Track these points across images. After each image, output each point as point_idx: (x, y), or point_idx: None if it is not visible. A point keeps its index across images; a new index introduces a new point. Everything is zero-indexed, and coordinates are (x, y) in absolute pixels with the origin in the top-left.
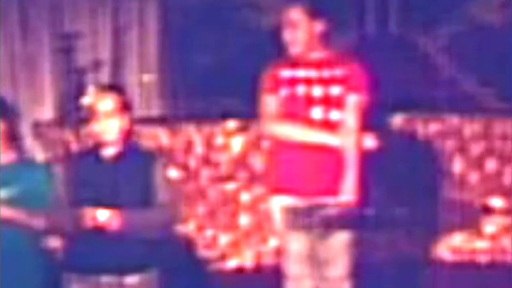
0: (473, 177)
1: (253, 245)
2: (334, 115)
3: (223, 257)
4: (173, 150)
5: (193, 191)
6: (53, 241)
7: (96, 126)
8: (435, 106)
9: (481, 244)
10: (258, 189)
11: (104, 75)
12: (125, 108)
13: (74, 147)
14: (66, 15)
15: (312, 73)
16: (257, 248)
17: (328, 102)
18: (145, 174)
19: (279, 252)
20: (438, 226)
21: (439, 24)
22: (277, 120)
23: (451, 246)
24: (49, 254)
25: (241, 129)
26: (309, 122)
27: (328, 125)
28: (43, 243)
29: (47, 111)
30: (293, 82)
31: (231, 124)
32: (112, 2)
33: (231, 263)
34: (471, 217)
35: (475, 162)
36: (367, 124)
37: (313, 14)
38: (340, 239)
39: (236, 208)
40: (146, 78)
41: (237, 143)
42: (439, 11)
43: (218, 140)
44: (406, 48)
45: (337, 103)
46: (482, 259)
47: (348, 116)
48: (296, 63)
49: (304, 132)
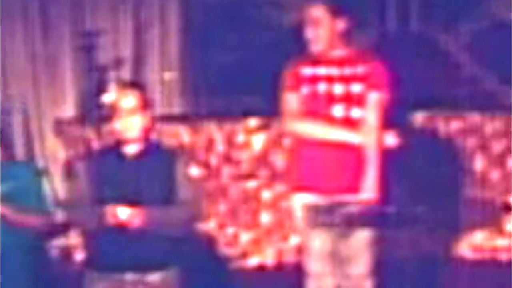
0: (494, 175)
1: (274, 243)
2: (355, 113)
3: (244, 255)
4: (195, 148)
5: (214, 189)
6: (71, 239)
7: (118, 124)
8: (456, 104)
9: (502, 242)
10: (280, 187)
11: (126, 73)
12: (147, 106)
13: (96, 145)
14: (87, 13)
15: (334, 71)
16: (278, 246)
17: (349, 100)
18: (167, 172)
19: (301, 250)
20: (459, 224)
21: (460, 22)
22: (299, 118)
23: (472, 244)
24: (39, 253)
25: (263, 127)
26: (330, 120)
27: (349, 123)
28: (34, 242)
29: (69, 109)
30: (315, 80)
31: (252, 122)
32: (133, 0)
33: (252, 261)
34: (492, 215)
35: (496, 160)
36: (388, 122)
37: (335, 12)
38: (362, 237)
39: (257, 206)
40: (168, 76)
41: (259, 141)
42: (460, 9)
43: (239, 138)
44: (427, 46)
45: (358, 101)
46: (503, 257)
47: (369, 114)
48: (318, 61)
49: (325, 130)
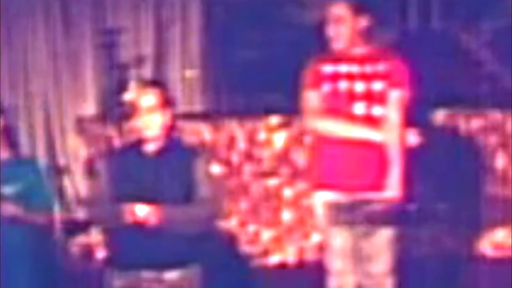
0: None
1: (296, 241)
2: (377, 111)
3: (266, 253)
4: (216, 146)
5: (236, 187)
6: (93, 237)
7: (139, 122)
8: (478, 102)
9: None
10: (301, 185)
11: (147, 71)
12: (167, 104)
13: (117, 143)
14: (109, 11)
15: (355, 69)
16: (300, 244)
17: (371, 98)
18: (188, 170)
19: (322, 248)
20: (481, 222)
21: (482, 19)
22: (320, 116)
23: (494, 242)
24: (47, 252)
25: (284, 125)
26: (351, 118)
27: (371, 121)
28: (43, 241)
29: (90, 107)
30: (336, 78)
31: (274, 120)
32: None
33: (274, 259)
34: None
35: None
36: (409, 120)
37: (357, 10)
38: (384, 235)
39: (279, 204)
40: (189, 74)
41: (280, 139)
42: (482, 6)
43: (261, 136)
44: (448, 44)
45: (380, 99)
46: None
47: (391, 112)
48: (339, 59)
49: (347, 128)
